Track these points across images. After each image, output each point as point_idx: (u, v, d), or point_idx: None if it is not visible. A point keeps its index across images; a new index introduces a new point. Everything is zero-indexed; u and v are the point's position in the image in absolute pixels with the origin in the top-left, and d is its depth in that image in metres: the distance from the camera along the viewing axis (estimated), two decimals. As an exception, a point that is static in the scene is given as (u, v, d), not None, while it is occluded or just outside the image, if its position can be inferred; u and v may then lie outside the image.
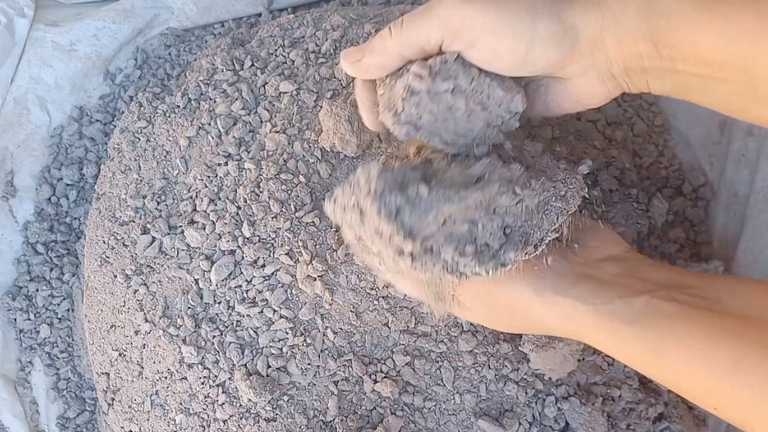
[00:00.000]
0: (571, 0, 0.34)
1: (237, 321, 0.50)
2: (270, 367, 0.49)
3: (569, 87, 0.37)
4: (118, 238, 0.56)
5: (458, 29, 0.34)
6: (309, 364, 0.49)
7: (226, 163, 0.54)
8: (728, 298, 0.34)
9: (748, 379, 0.31)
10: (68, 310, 0.64)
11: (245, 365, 0.49)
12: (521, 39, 0.34)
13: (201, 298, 0.51)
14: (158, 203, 0.55)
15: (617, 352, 0.36)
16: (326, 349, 0.49)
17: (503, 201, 0.36)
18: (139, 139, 0.59)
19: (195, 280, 0.52)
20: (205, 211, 0.53)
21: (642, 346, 0.34)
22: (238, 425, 0.49)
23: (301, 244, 0.49)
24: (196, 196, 0.54)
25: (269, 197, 0.51)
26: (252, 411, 0.49)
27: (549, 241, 0.37)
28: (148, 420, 0.53)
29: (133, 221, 0.56)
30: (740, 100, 0.33)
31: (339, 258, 0.49)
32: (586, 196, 0.39)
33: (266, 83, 0.56)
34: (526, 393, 0.49)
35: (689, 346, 0.33)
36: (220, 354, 0.50)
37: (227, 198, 0.53)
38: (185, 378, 0.51)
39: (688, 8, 0.32)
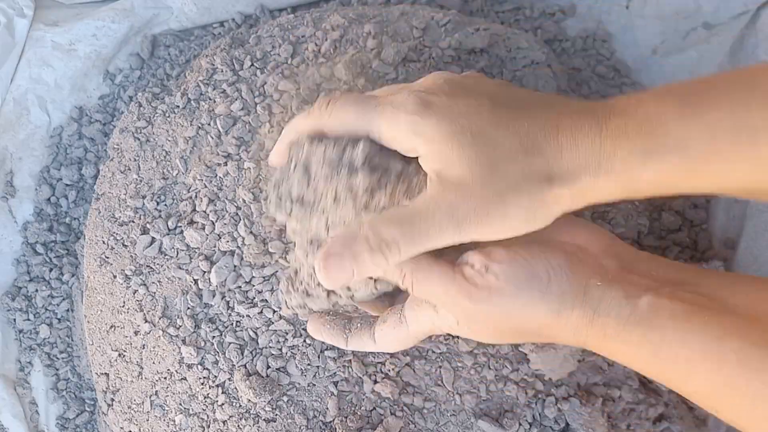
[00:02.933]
0: (555, 192, 0.34)
1: (237, 321, 0.50)
2: (270, 367, 0.49)
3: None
4: (118, 238, 0.56)
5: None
6: (309, 364, 0.49)
7: (225, 163, 0.54)
8: (730, 296, 0.33)
9: (753, 383, 0.31)
10: (68, 310, 0.64)
11: (245, 366, 0.49)
12: (508, 228, 0.35)
13: (200, 298, 0.51)
14: (158, 203, 0.55)
15: (621, 356, 0.36)
16: (326, 349, 0.49)
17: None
18: (139, 139, 0.59)
19: (194, 280, 0.52)
20: (205, 212, 0.53)
21: (646, 348, 0.34)
22: (238, 426, 0.49)
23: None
24: (196, 197, 0.54)
25: (269, 197, 0.51)
26: (252, 411, 0.49)
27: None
28: (147, 420, 0.53)
29: (133, 221, 0.56)
30: None
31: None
32: None
33: (266, 83, 0.56)
34: (526, 393, 0.49)
35: (694, 348, 0.32)
36: (220, 354, 0.50)
37: (227, 198, 0.53)
38: (185, 378, 0.51)
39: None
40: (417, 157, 0.36)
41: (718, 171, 0.32)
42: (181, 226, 0.53)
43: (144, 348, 0.53)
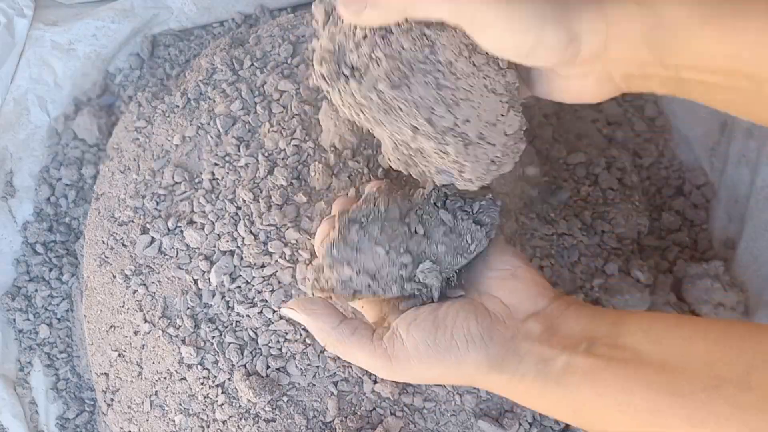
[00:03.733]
0: (579, 10, 0.34)
1: (236, 321, 0.50)
2: (269, 367, 0.49)
3: (568, 84, 0.38)
4: (118, 238, 0.56)
5: (468, 18, 0.34)
6: (308, 364, 0.49)
7: (225, 163, 0.54)
8: (643, 342, 0.35)
9: (665, 430, 0.32)
10: (67, 310, 0.64)
11: (245, 366, 0.49)
12: (526, 41, 0.34)
13: (200, 298, 0.51)
14: (157, 203, 0.55)
15: (548, 412, 0.38)
16: (326, 349, 0.49)
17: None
18: (139, 139, 0.59)
19: (194, 280, 0.52)
20: (204, 212, 0.53)
21: (566, 405, 0.36)
22: (238, 426, 0.49)
23: (300, 244, 0.49)
24: (195, 196, 0.54)
25: (268, 197, 0.51)
26: (251, 411, 0.49)
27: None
28: (147, 420, 0.53)
29: (133, 221, 0.55)
30: (744, 102, 0.34)
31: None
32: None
33: (266, 83, 0.56)
34: (526, 393, 0.49)
35: (607, 402, 0.34)
36: (220, 354, 0.50)
37: (226, 198, 0.53)
38: (185, 378, 0.51)
39: (695, 21, 0.32)
40: None
41: (739, 28, 0.32)
42: (180, 226, 0.53)
43: (144, 348, 0.53)
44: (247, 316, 0.50)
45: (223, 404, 0.49)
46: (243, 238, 0.51)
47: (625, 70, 0.35)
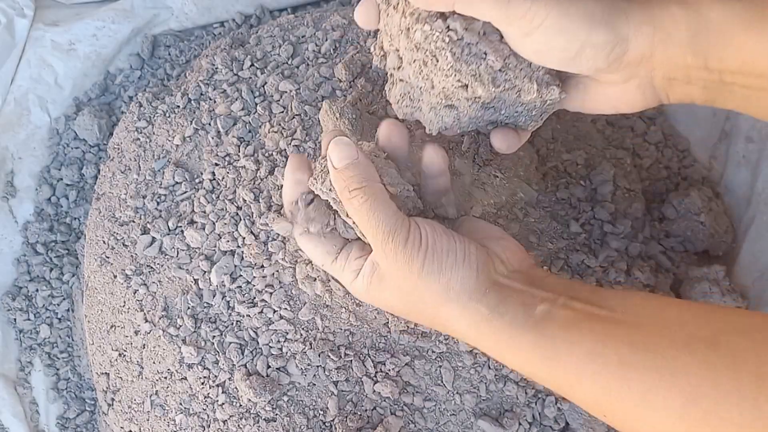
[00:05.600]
0: (627, 12, 0.35)
1: (237, 321, 0.50)
2: (270, 367, 0.49)
3: (608, 91, 0.39)
4: (118, 238, 0.56)
5: (518, 16, 0.35)
6: (309, 364, 0.49)
7: (225, 163, 0.54)
8: (620, 307, 0.35)
9: (633, 384, 0.32)
10: (68, 310, 0.64)
11: (245, 365, 0.49)
12: (574, 42, 0.35)
13: (201, 298, 0.51)
14: (158, 203, 0.55)
15: (511, 360, 0.38)
16: (326, 349, 0.49)
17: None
18: (139, 139, 0.59)
19: (195, 280, 0.52)
20: (205, 212, 0.53)
21: (537, 353, 0.36)
22: (238, 425, 0.49)
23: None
24: (196, 196, 0.54)
25: (269, 197, 0.51)
26: (252, 411, 0.49)
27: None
28: (147, 420, 0.53)
29: (133, 221, 0.56)
30: None
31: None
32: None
33: (266, 83, 0.56)
34: (526, 393, 0.49)
35: (580, 351, 0.34)
36: (220, 354, 0.50)
37: (227, 198, 0.53)
38: (185, 378, 0.51)
39: (738, 26, 0.33)
40: None
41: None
42: (181, 226, 0.53)
43: (144, 348, 0.53)
44: (248, 315, 0.50)
45: (223, 404, 0.49)
46: (243, 238, 0.51)
47: (669, 74, 0.36)
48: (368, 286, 0.41)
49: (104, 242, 0.57)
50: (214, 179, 0.54)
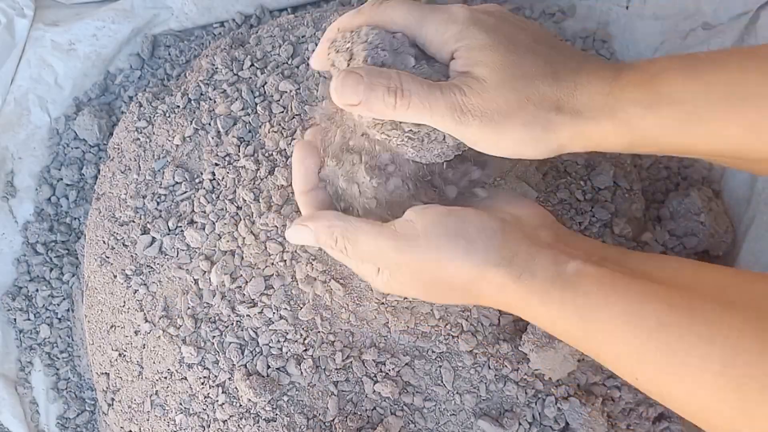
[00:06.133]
0: (556, 131, 0.36)
1: (237, 321, 0.50)
2: (270, 367, 0.49)
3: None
4: (118, 238, 0.56)
5: (460, 133, 0.37)
6: (309, 364, 0.49)
7: (225, 163, 0.54)
8: (656, 270, 0.34)
9: (672, 345, 0.31)
10: (68, 310, 0.64)
11: (245, 365, 0.49)
12: (508, 153, 0.37)
13: (201, 298, 0.51)
14: (158, 203, 0.55)
15: (543, 319, 0.37)
16: (326, 349, 0.49)
17: None
18: (139, 139, 0.59)
19: (195, 280, 0.52)
20: (205, 212, 0.53)
21: (570, 311, 0.35)
22: (238, 425, 0.49)
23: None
24: (196, 196, 0.54)
25: (269, 197, 0.51)
26: (252, 411, 0.49)
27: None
28: (147, 420, 0.53)
29: (133, 221, 0.56)
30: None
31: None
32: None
33: (266, 83, 0.56)
34: (526, 393, 0.49)
35: (616, 310, 0.33)
36: (220, 354, 0.50)
37: (227, 198, 0.53)
38: (185, 378, 0.51)
39: (671, 136, 0.35)
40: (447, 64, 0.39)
41: (711, 131, 0.33)
42: (181, 226, 0.53)
43: (144, 348, 0.53)
44: (248, 315, 0.50)
45: (223, 404, 0.49)
46: (243, 238, 0.51)
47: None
48: (391, 287, 0.41)
49: (104, 242, 0.57)
50: (214, 179, 0.54)
